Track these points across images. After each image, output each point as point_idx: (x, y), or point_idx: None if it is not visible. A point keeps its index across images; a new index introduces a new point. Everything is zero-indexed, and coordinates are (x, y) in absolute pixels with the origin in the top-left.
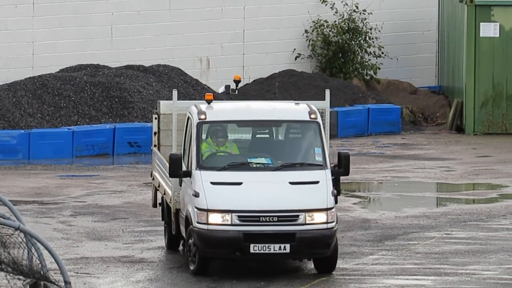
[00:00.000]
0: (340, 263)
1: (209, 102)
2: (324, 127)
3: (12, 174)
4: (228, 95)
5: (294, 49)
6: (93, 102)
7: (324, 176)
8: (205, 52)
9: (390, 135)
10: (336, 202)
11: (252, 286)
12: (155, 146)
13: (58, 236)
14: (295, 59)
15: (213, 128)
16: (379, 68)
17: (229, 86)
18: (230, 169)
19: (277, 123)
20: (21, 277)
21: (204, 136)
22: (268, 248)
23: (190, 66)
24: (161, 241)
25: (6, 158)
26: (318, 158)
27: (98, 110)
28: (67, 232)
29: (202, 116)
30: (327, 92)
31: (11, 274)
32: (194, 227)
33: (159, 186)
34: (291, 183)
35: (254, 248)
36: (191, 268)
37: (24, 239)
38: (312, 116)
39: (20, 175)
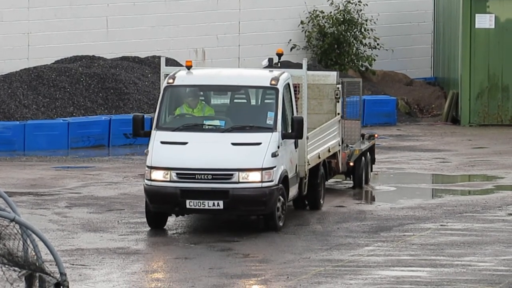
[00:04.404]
0: (335, 254)
1: (188, 68)
2: (295, 93)
3: (7, 165)
4: (272, 67)
5: (290, 40)
6: (88, 94)
7: (269, 139)
8: (200, 44)
9: (386, 126)
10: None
11: (251, 281)
12: None
13: (54, 227)
14: (291, 50)
15: (187, 92)
16: (375, 60)
17: (272, 59)
18: (183, 130)
19: (238, 88)
20: (16, 268)
21: (174, 100)
22: (202, 204)
23: (185, 58)
24: (157, 232)
25: (1, 149)
26: (269, 122)
27: (94, 101)
28: (62, 224)
29: (170, 81)
30: (304, 60)
31: (6, 266)
32: (144, 183)
33: None
34: (233, 144)
35: (190, 204)
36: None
37: (19, 231)
38: (273, 82)
39: (16, 166)
